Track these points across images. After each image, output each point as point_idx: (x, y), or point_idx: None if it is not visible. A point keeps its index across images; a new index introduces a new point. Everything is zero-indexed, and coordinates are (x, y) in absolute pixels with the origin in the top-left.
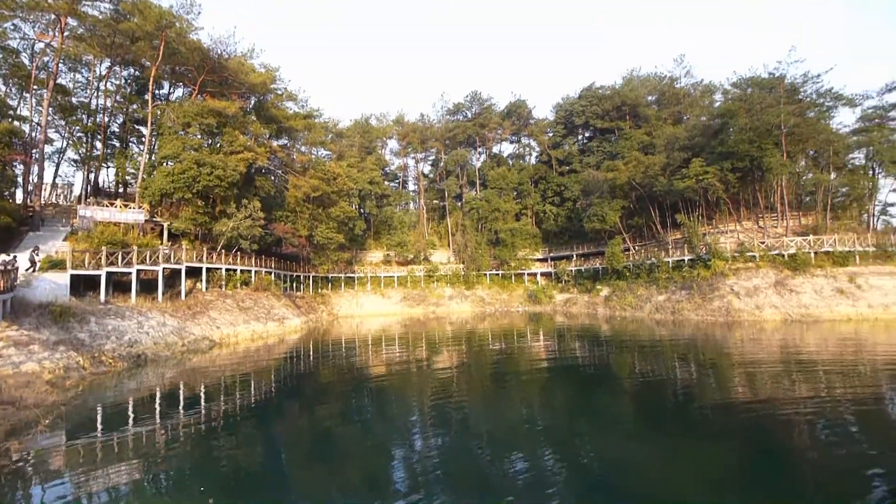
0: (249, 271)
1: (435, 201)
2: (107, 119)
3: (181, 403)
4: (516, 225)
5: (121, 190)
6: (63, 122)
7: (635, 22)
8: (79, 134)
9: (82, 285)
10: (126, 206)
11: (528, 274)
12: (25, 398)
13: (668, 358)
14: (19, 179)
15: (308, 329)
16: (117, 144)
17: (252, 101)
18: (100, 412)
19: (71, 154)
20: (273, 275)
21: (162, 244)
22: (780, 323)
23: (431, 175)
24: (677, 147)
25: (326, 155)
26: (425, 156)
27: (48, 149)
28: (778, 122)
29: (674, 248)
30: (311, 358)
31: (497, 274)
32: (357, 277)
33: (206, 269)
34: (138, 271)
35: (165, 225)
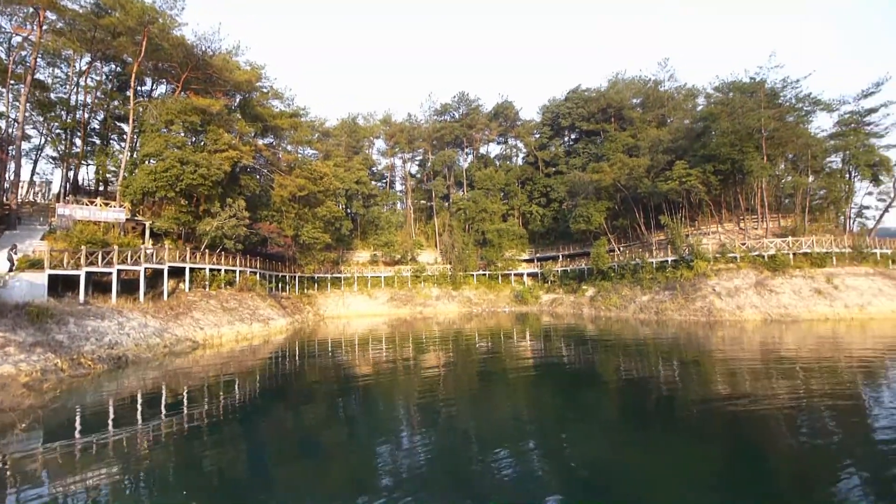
0: (234, 271)
1: (422, 201)
2: (87, 115)
3: (163, 406)
4: (503, 226)
5: (101, 188)
6: (41, 119)
7: (623, 22)
8: (58, 130)
9: (61, 286)
10: (107, 204)
11: (515, 274)
12: (1, 402)
13: (651, 357)
14: None
15: (294, 330)
16: (98, 142)
17: (237, 99)
18: (79, 415)
19: (49, 151)
20: (258, 275)
21: (144, 244)
22: (760, 323)
23: (419, 175)
24: (661, 149)
25: (313, 154)
26: (412, 156)
27: (26, 145)
28: (758, 126)
29: (657, 249)
30: (297, 359)
31: (484, 274)
32: (344, 278)
33: (190, 269)
34: (119, 271)
35: (147, 224)
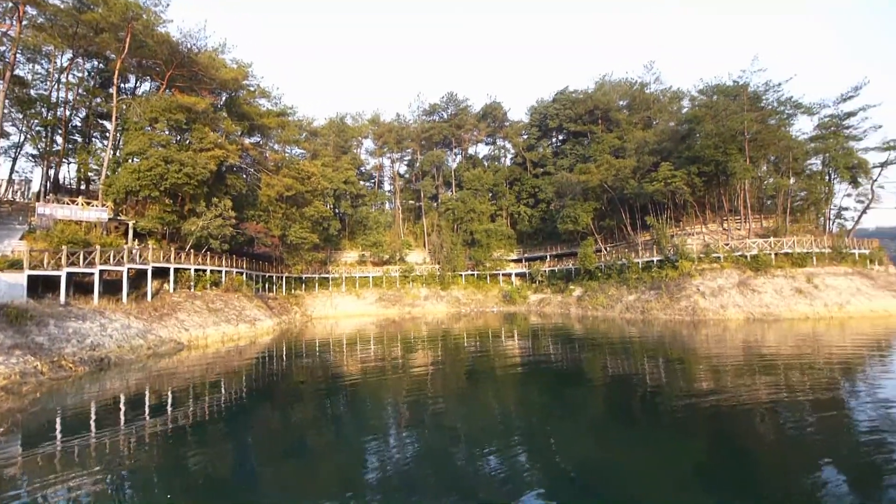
0: (220, 272)
1: (411, 202)
2: (68, 113)
3: (146, 408)
4: (491, 226)
5: (83, 187)
6: (21, 116)
7: (614, 22)
8: (38, 128)
9: (41, 286)
10: (88, 203)
11: (503, 274)
12: None
13: (637, 356)
14: None
15: (281, 330)
16: (79, 139)
17: (223, 98)
18: (59, 419)
19: (29, 149)
20: (244, 275)
21: (127, 244)
22: (743, 322)
23: (407, 175)
24: (647, 151)
25: (300, 154)
26: (401, 156)
27: (4, 143)
28: (741, 129)
29: (643, 249)
30: (284, 360)
31: (472, 274)
32: (332, 278)
33: (174, 269)
34: (101, 272)
35: (131, 224)
